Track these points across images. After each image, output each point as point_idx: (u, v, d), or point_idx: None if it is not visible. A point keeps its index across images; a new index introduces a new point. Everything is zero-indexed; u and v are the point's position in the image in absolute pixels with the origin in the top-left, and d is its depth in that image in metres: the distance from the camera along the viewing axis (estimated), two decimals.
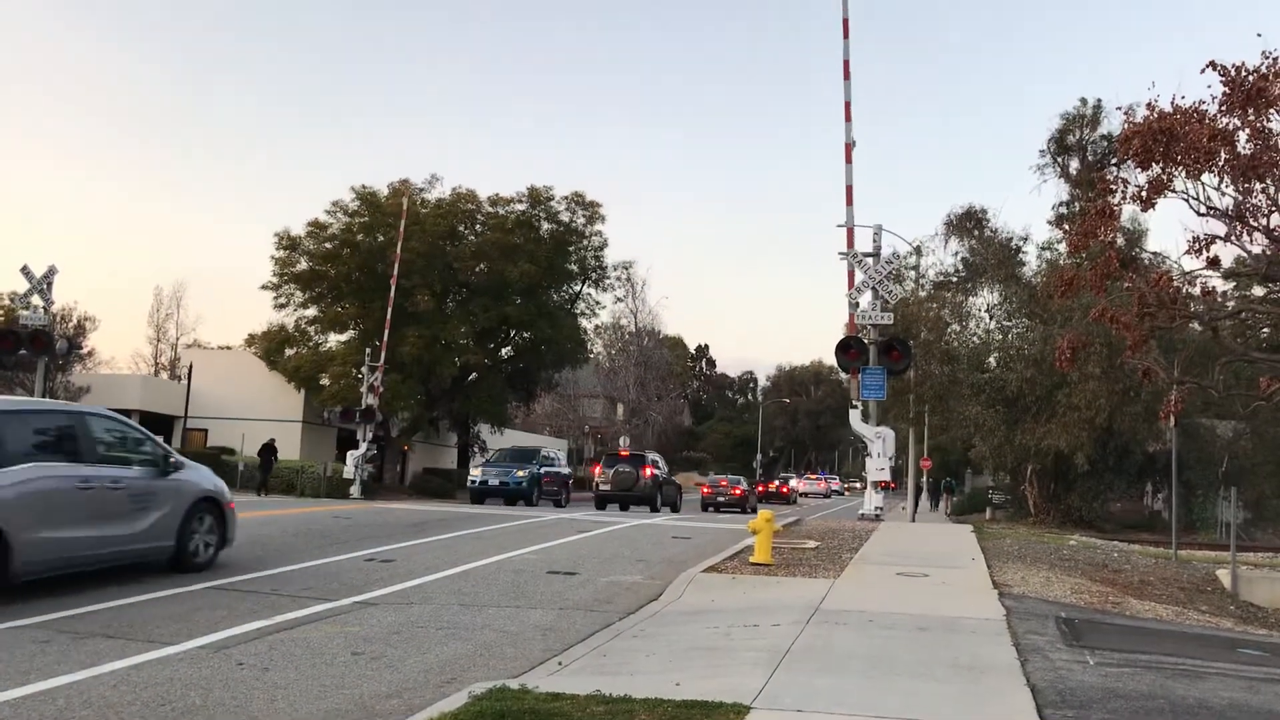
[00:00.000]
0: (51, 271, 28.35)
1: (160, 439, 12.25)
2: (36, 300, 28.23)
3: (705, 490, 44.77)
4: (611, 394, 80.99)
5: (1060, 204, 46.62)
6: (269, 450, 36.37)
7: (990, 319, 39.13)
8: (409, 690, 6.94)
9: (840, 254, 23.02)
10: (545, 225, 49.43)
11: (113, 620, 8.86)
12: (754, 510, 34.24)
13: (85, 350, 47.44)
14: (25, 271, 28.17)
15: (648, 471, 32.84)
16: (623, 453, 37.26)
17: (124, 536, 10.65)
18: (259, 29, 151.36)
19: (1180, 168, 15.76)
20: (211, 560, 11.89)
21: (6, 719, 5.90)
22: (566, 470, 39.35)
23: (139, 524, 10.84)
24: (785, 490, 66.94)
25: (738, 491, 43.70)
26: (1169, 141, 15.37)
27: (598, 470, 34.66)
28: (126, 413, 45.32)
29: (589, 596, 11.22)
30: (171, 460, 11.71)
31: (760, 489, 59.42)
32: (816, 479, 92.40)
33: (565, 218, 49.87)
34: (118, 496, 10.61)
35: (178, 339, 74.40)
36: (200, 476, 12.27)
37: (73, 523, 9.98)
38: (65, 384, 42.16)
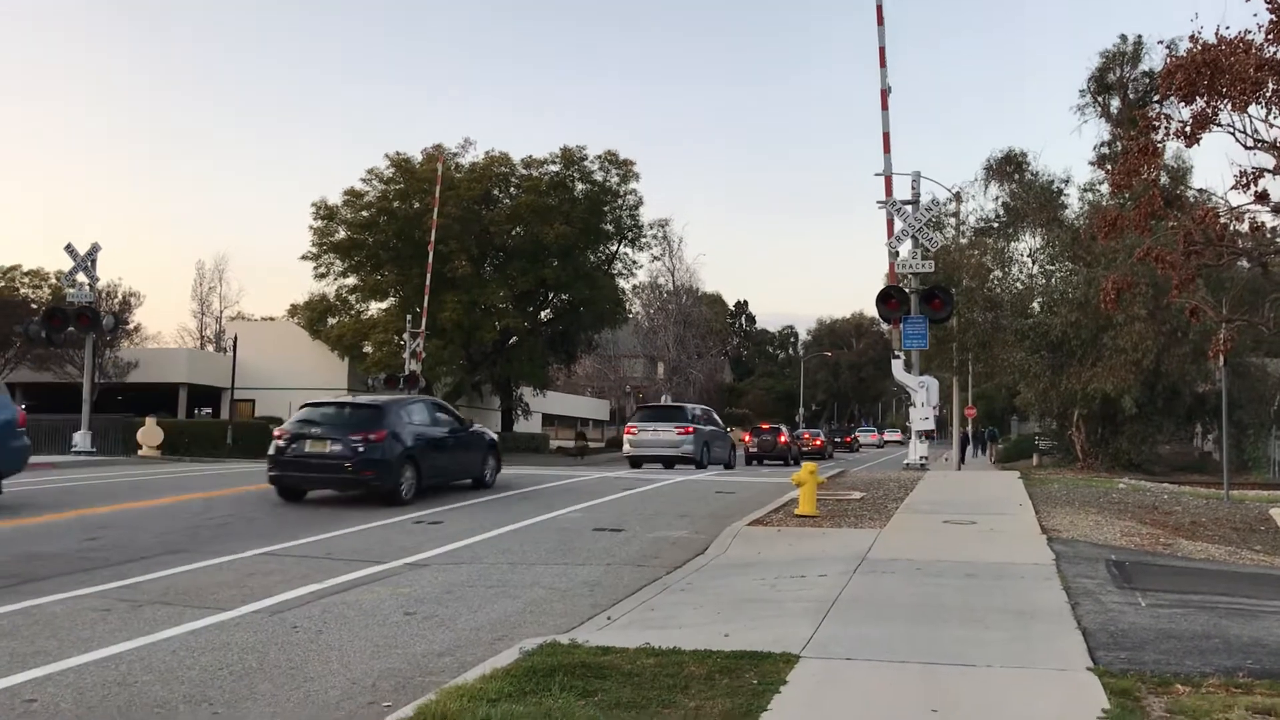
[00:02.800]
0: (95, 249, 28.73)
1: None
2: (81, 278, 28.64)
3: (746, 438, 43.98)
4: (651, 353, 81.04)
5: (1101, 144, 45.80)
6: None
7: (1033, 264, 38.63)
8: (461, 648, 7.03)
9: (879, 203, 22.82)
10: (579, 186, 49.29)
11: (169, 588, 9.03)
12: (797, 462, 33.74)
13: (131, 325, 48.06)
14: (70, 250, 28.57)
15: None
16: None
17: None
18: (287, 4, 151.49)
19: (1225, 100, 15.37)
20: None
21: (71, 685, 6.04)
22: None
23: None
24: (849, 440, 77.35)
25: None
26: (1213, 74, 14.98)
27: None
28: (174, 386, 46.12)
29: (635, 552, 11.29)
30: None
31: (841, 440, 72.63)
32: (871, 432, 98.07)
33: (599, 177, 49.69)
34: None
35: (221, 312, 75.33)
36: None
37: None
38: (114, 359, 42.75)
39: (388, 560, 10.50)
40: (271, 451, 16.07)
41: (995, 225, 41.19)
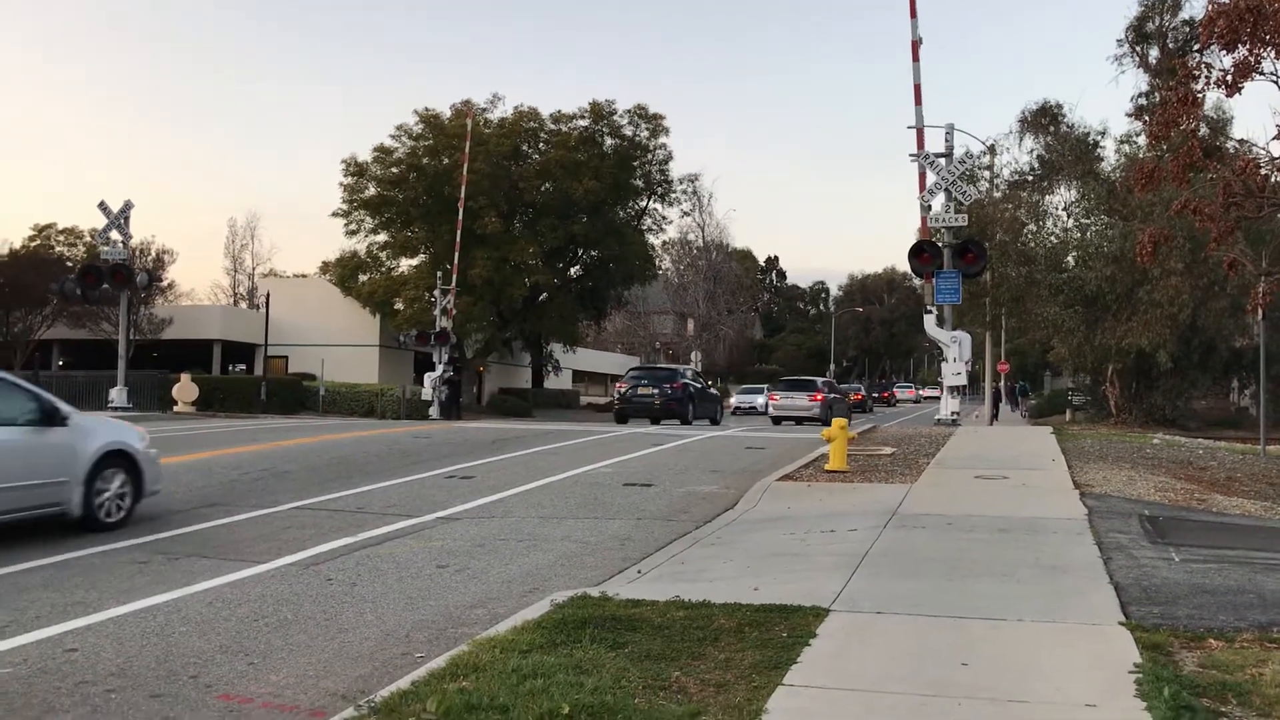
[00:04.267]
0: (127, 206, 28.92)
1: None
2: (115, 235, 28.87)
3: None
4: (681, 309, 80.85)
5: (1139, 95, 44.83)
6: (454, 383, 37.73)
7: (1068, 217, 38.08)
8: (493, 600, 7.09)
9: (911, 156, 22.58)
10: (608, 141, 48.95)
11: (206, 541, 9.16)
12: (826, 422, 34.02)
13: (165, 283, 48.44)
14: (103, 207, 28.78)
15: (819, 397, 35.74)
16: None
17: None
18: None
19: (1269, 48, 15.00)
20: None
21: (110, 635, 6.15)
22: (715, 390, 38.51)
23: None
24: (885, 395, 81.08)
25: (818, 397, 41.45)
26: (1256, 20, 14.61)
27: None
28: (209, 342, 46.52)
29: (665, 506, 11.33)
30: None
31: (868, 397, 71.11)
32: (908, 388, 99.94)
33: (628, 132, 49.31)
34: None
35: (254, 269, 75.86)
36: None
37: None
38: (149, 316, 43.13)
39: (420, 514, 10.59)
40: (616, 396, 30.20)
41: (1030, 178, 40.60)
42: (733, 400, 48.38)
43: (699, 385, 34.03)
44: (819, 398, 35.56)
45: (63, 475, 9.30)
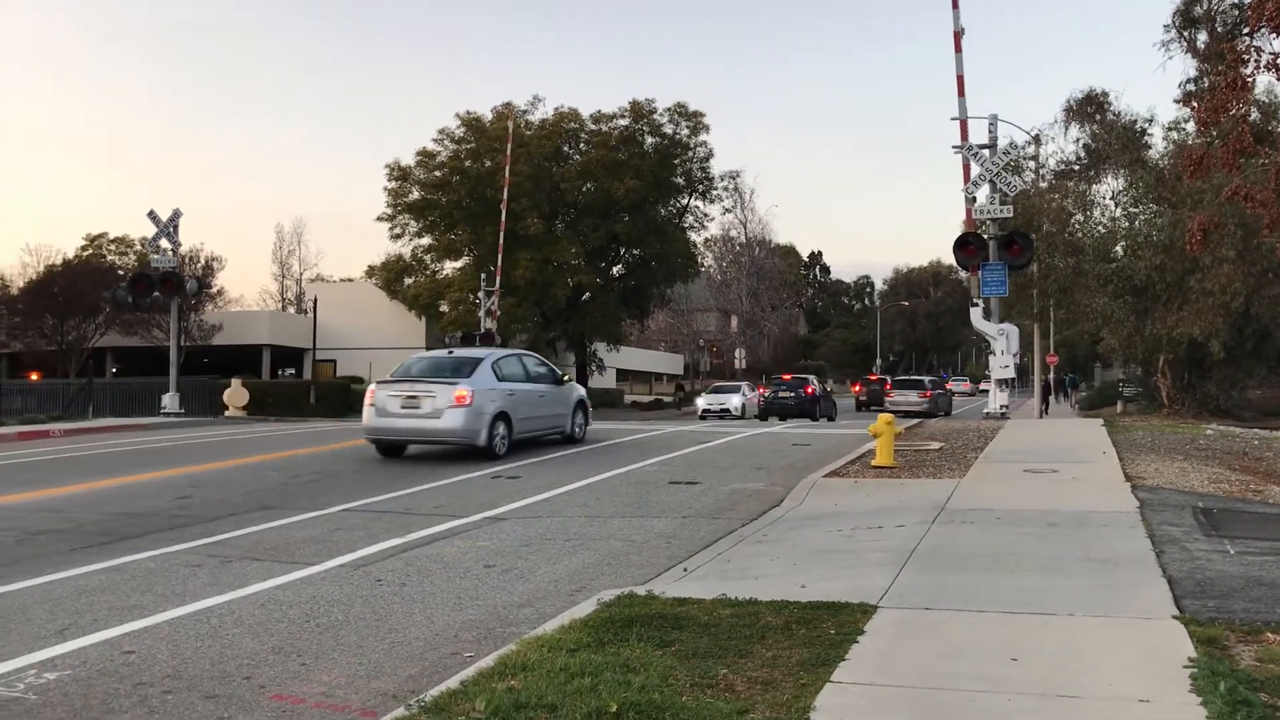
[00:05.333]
0: (176, 215, 29.33)
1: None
2: (164, 243, 29.28)
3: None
4: (725, 306, 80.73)
5: (1187, 80, 43.94)
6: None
7: (1116, 206, 37.50)
8: (540, 599, 7.13)
9: (954, 148, 22.40)
10: (649, 139, 49.00)
11: (257, 544, 9.29)
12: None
13: (214, 289, 49.15)
14: (152, 216, 29.21)
15: (929, 394, 42.63)
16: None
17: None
18: None
19: None
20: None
21: (166, 637, 6.25)
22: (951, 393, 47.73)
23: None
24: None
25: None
26: None
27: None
28: (257, 347, 47.21)
29: (711, 504, 11.32)
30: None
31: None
32: (963, 380, 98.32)
33: (669, 130, 49.34)
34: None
35: (301, 274, 76.82)
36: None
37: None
38: (198, 323, 43.78)
39: (467, 515, 10.66)
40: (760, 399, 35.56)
41: (1076, 168, 40.07)
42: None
43: (821, 390, 42.28)
44: (928, 394, 43.02)
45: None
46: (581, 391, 19.80)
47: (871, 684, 4.71)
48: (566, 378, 19.39)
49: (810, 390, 40.51)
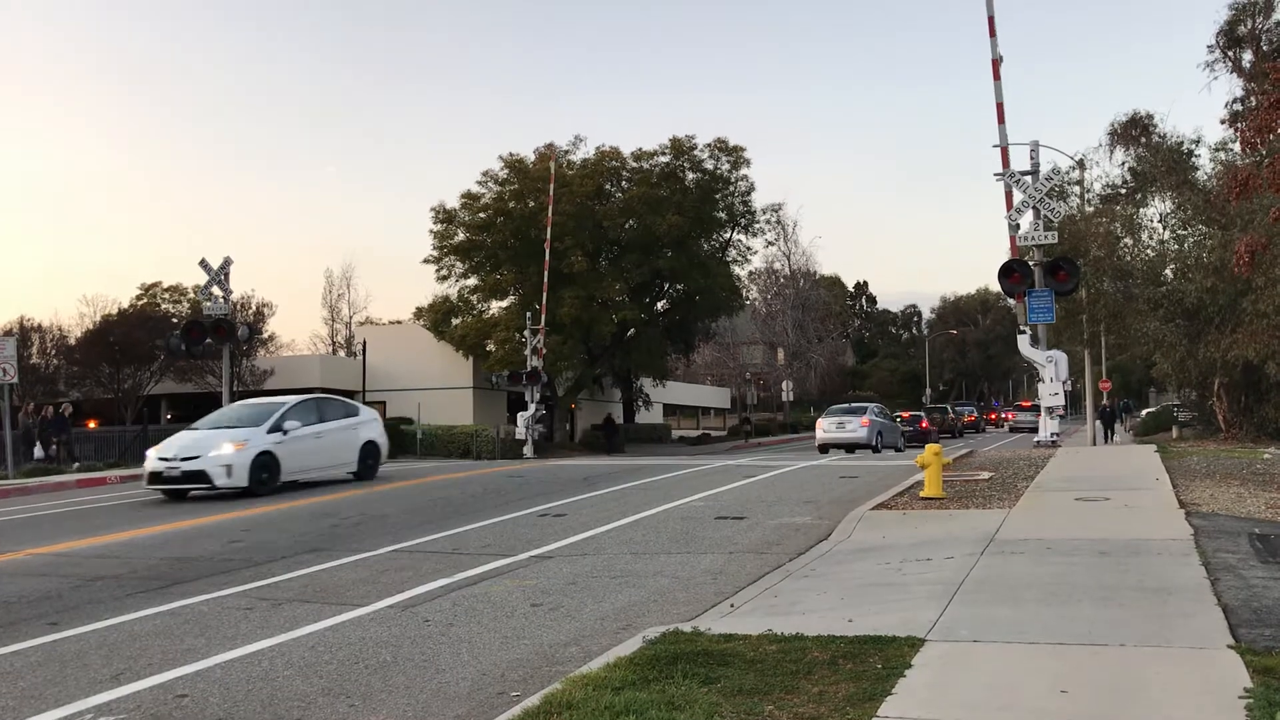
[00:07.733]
0: (227, 263, 29.86)
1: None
2: (216, 291, 29.77)
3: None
4: (770, 339, 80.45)
5: (1233, 100, 43.46)
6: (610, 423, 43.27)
7: (1164, 229, 37.02)
8: (587, 638, 7.14)
9: (996, 175, 22.31)
10: (690, 175, 49.18)
11: (307, 586, 9.39)
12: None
13: (266, 335, 49.77)
14: (204, 264, 29.75)
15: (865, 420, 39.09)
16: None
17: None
18: (403, 17, 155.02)
19: None
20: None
21: (218, 680, 6.34)
22: (895, 423, 43.96)
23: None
24: (993, 417, 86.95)
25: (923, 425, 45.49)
26: None
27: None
28: (309, 390, 47.76)
29: (758, 539, 11.28)
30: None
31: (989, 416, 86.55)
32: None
33: (709, 165, 49.50)
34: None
35: (350, 317, 77.49)
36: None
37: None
38: (251, 368, 44.35)
39: (514, 553, 10.71)
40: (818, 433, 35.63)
41: (1122, 191, 39.65)
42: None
43: (886, 420, 40.69)
44: (866, 423, 41.25)
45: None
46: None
47: (919, 718, 4.67)
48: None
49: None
